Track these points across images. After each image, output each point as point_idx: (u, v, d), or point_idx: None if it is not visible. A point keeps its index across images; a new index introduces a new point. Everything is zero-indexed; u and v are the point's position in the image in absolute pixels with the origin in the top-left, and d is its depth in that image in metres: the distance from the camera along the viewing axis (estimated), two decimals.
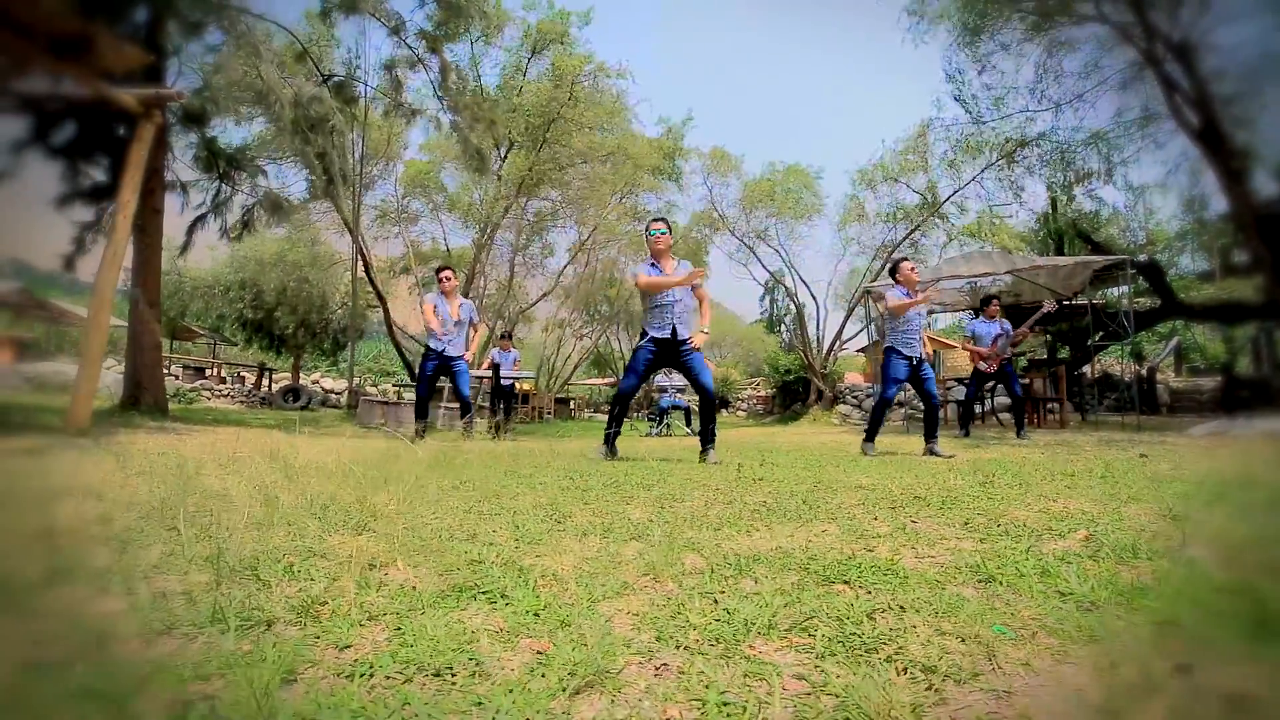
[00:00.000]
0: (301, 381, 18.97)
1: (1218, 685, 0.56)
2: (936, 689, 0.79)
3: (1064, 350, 13.00)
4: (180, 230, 8.51)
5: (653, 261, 4.30)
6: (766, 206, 19.15)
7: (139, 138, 4.49)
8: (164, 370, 8.46)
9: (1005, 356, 6.71)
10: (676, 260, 4.35)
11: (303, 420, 8.36)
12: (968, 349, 6.94)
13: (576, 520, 1.86)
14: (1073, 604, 1.09)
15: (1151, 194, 11.41)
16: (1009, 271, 8.97)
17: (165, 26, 6.68)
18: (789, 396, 19.14)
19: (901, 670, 0.84)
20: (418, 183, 18.61)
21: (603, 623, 1.02)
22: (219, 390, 17.68)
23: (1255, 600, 0.64)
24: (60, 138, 5.79)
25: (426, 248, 19.49)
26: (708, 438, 4.20)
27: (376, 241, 18.62)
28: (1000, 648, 0.91)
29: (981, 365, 6.76)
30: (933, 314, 12.92)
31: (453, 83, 10.18)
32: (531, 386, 17.26)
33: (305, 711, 0.72)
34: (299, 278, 18.63)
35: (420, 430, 5.37)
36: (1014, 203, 14.79)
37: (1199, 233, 7.12)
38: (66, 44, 3.80)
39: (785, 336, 23.46)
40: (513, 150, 15.81)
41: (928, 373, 4.93)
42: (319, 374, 23.15)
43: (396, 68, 10.19)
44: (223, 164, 8.13)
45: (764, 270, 20.71)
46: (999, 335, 6.72)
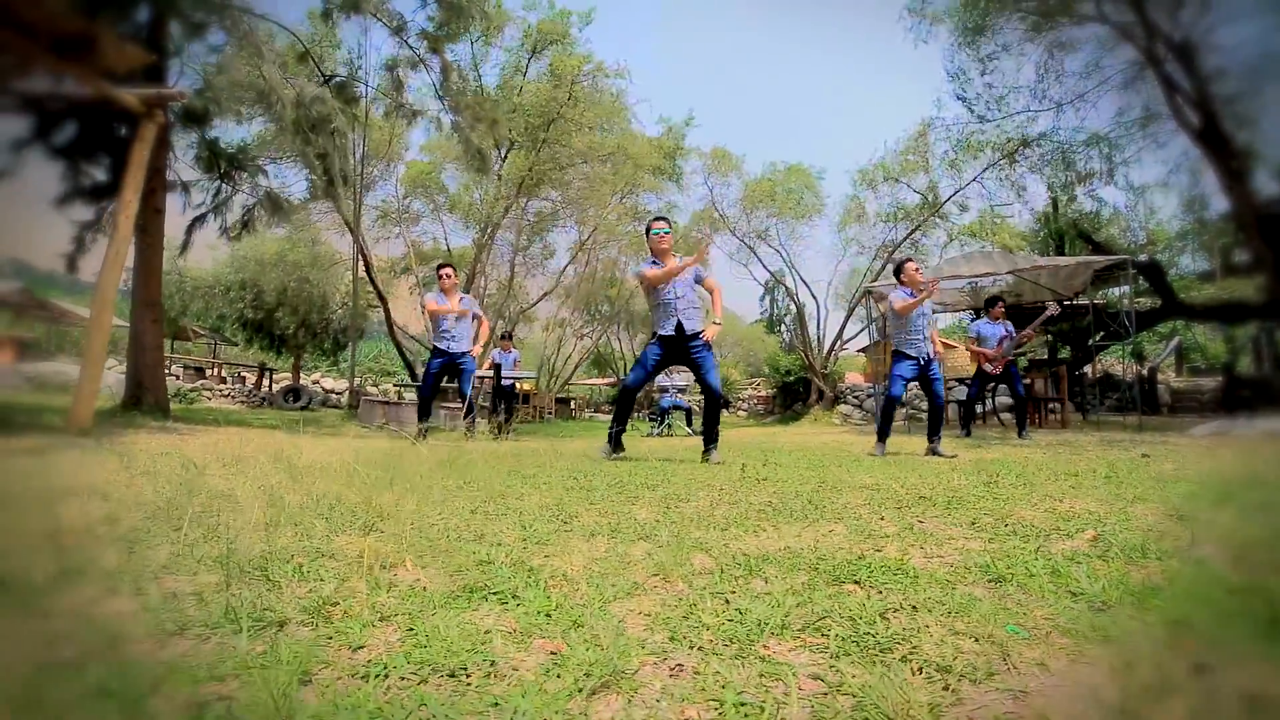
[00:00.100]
0: (302, 382, 18.93)
1: (1234, 685, 0.56)
2: (953, 689, 0.79)
3: (1065, 350, 13.01)
4: (180, 230, 8.51)
5: (654, 260, 4.29)
6: (767, 206, 19.17)
7: (141, 137, 4.49)
8: (165, 370, 8.44)
9: (1009, 358, 6.72)
10: (678, 258, 4.35)
11: (304, 420, 8.36)
12: (973, 350, 6.93)
13: (583, 520, 1.86)
14: (1084, 604, 1.09)
15: (1152, 194, 11.44)
16: (1010, 271, 8.96)
17: (167, 26, 6.69)
18: (790, 396, 19.16)
19: (917, 670, 0.84)
20: (419, 183, 18.62)
21: (615, 623, 1.01)
22: (220, 390, 17.67)
23: (1267, 600, 0.64)
24: (62, 137, 5.79)
25: (427, 248, 19.50)
26: (711, 438, 4.17)
27: (377, 242, 18.67)
28: (1014, 648, 0.91)
29: (988, 367, 6.75)
30: (935, 312, 12.92)
31: (454, 83, 10.16)
32: (532, 386, 17.26)
33: (323, 713, 0.72)
34: (299, 278, 18.59)
35: (423, 430, 5.37)
36: (1015, 202, 14.82)
37: (1200, 232, 7.13)
38: (69, 43, 3.81)
39: (786, 336, 23.51)
40: (513, 150, 15.80)
41: (936, 372, 4.90)
42: (319, 374, 23.10)
43: (398, 68, 10.17)
44: (224, 164, 8.12)
45: (764, 270, 20.76)
46: (1004, 337, 6.72)
